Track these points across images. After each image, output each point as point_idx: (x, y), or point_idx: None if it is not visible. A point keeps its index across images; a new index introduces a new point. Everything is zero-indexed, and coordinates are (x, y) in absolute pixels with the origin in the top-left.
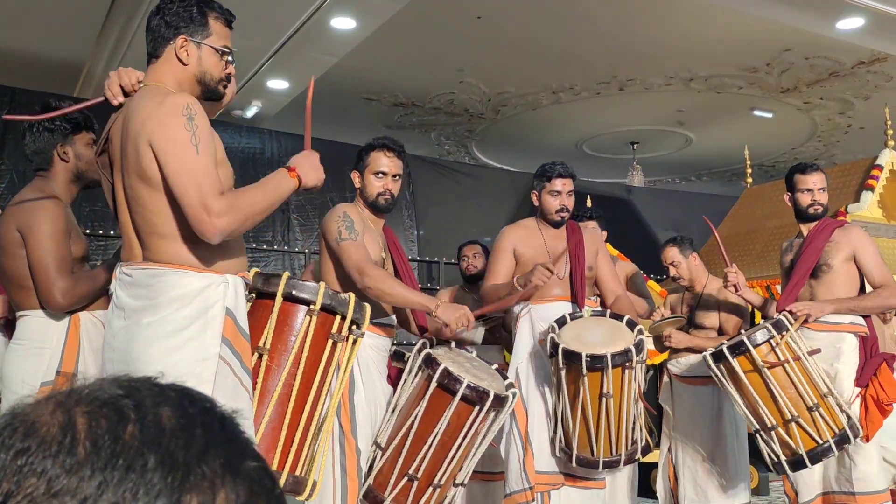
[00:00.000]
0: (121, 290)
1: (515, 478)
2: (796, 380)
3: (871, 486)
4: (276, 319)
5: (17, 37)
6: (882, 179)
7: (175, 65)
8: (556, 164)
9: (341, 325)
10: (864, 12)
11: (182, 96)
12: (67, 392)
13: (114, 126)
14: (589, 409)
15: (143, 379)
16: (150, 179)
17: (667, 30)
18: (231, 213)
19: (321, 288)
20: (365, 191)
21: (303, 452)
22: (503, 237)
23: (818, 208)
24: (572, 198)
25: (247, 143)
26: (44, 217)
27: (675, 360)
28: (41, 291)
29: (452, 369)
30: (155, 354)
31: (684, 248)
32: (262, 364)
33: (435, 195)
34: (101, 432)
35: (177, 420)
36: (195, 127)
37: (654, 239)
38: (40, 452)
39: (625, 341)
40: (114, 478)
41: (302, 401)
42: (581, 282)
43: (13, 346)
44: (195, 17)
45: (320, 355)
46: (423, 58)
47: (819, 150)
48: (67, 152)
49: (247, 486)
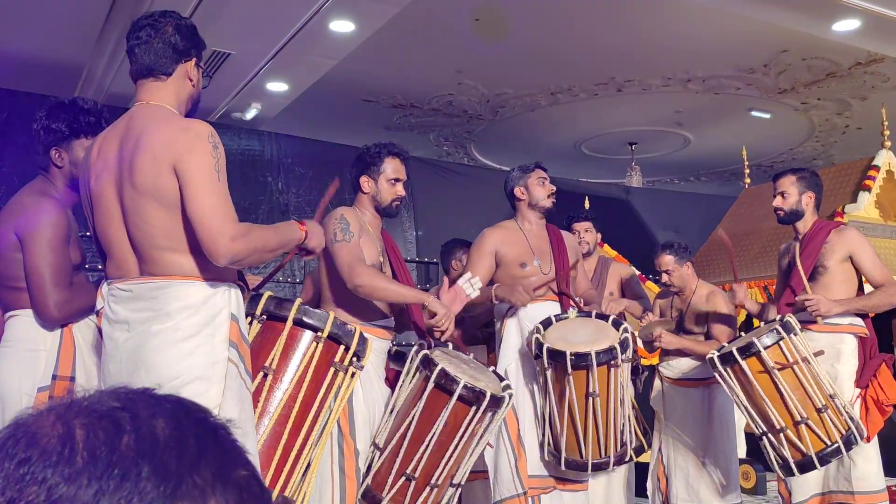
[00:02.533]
0: (117, 306)
1: (507, 484)
2: (804, 381)
3: (871, 485)
4: (285, 342)
5: (17, 39)
6: (879, 180)
7: (184, 84)
8: (535, 163)
9: (344, 355)
10: (860, 14)
11: (206, 125)
12: (67, 404)
13: (106, 139)
14: (576, 410)
15: (140, 391)
16: (165, 198)
17: (664, 31)
18: (244, 241)
19: (330, 317)
20: (379, 196)
21: (294, 473)
22: (485, 239)
23: (780, 213)
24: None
25: (246, 145)
26: (45, 222)
27: (666, 363)
28: (35, 301)
29: (450, 370)
30: (168, 359)
31: (680, 257)
32: (266, 384)
33: (434, 196)
34: (98, 443)
35: (171, 431)
36: (219, 155)
37: (652, 239)
38: (41, 462)
39: (609, 339)
40: (110, 486)
41: (299, 423)
42: (567, 282)
43: (3, 349)
44: (198, 38)
45: (321, 381)
46: (421, 59)
47: (817, 150)
48: (63, 157)
49: (236, 493)
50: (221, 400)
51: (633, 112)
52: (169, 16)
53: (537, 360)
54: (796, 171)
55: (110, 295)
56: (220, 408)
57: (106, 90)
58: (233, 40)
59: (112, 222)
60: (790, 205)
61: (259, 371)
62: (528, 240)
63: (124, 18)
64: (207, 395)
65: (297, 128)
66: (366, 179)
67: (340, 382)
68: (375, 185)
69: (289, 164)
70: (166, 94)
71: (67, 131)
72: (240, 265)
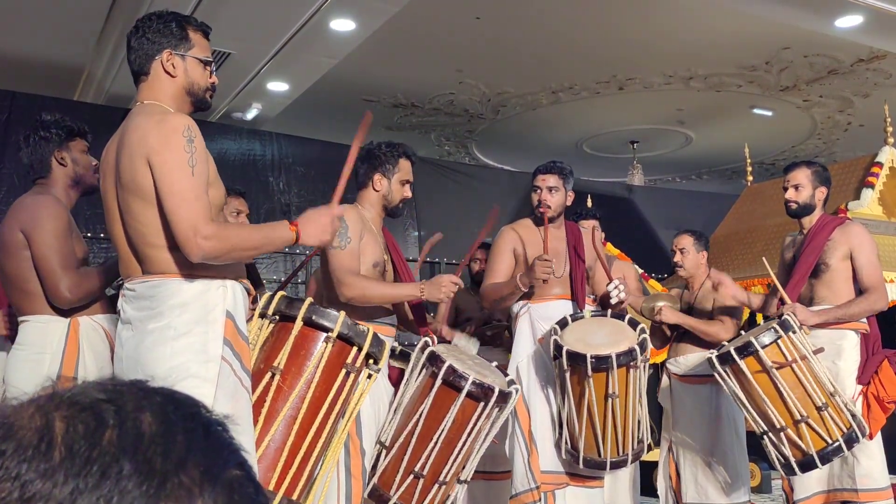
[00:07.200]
0: (126, 305)
1: (521, 478)
2: (804, 379)
3: (875, 482)
4: (294, 342)
5: (17, 40)
6: (882, 176)
7: (165, 79)
8: (545, 162)
9: (357, 356)
10: (863, 10)
11: (183, 117)
12: (49, 395)
13: (111, 141)
14: (595, 410)
15: (129, 383)
16: (144, 194)
17: (666, 29)
18: (217, 240)
19: (341, 317)
20: (389, 196)
21: (302, 477)
22: (502, 237)
23: (792, 205)
24: (557, 194)
25: (247, 146)
26: (47, 215)
27: (674, 360)
28: (48, 288)
29: (457, 366)
30: (161, 356)
31: (699, 242)
32: (273, 384)
33: (435, 196)
34: (77, 437)
35: (157, 426)
36: (193, 149)
37: (654, 238)
38: (16, 456)
39: (628, 341)
40: (88, 484)
41: (307, 425)
42: (581, 281)
43: (15, 352)
44: (175, 31)
45: (332, 383)
46: (422, 59)
47: (819, 147)
48: (65, 157)
49: (226, 494)
50: (213, 399)
51: (634, 110)
52: (149, 17)
53: (555, 362)
54: (810, 164)
55: (122, 295)
56: (212, 406)
57: (106, 91)
58: (233, 40)
59: (115, 223)
60: (804, 198)
61: (267, 372)
62: (543, 239)
63: (124, 18)
64: (199, 393)
65: (298, 128)
66: (379, 178)
67: (353, 385)
68: (388, 184)
69: (290, 164)
70: (155, 92)
71: (64, 134)
72: (217, 262)
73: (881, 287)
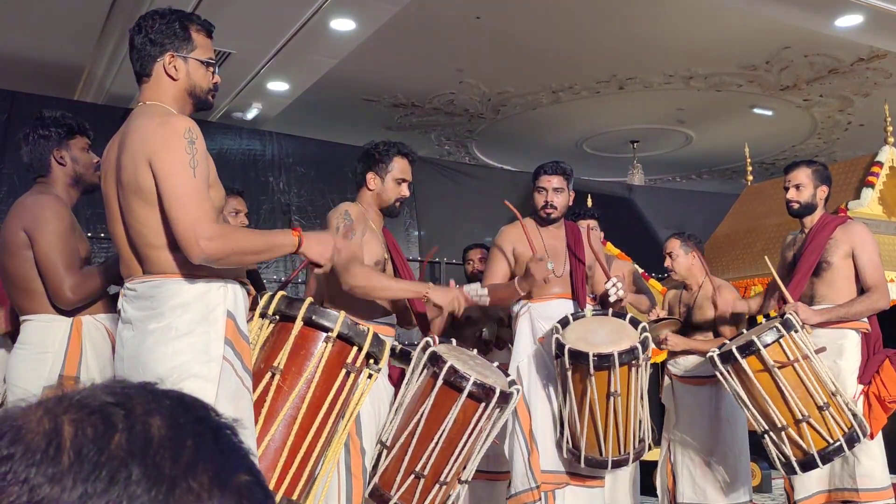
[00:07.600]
0: (127, 305)
1: (521, 477)
2: (806, 379)
3: (875, 482)
4: (294, 342)
5: (17, 40)
6: (882, 176)
7: (166, 81)
8: (548, 163)
9: (357, 356)
10: (863, 10)
11: (184, 119)
12: (58, 398)
13: (112, 141)
14: (597, 409)
15: (138, 385)
16: (145, 194)
17: (666, 28)
18: (219, 241)
19: (341, 317)
20: (384, 195)
21: (302, 477)
22: (501, 237)
23: (794, 205)
24: (562, 195)
25: (247, 146)
26: (49, 215)
27: (674, 361)
28: (50, 287)
29: (458, 366)
30: (161, 357)
31: (686, 244)
32: (274, 384)
33: (436, 195)
34: (86, 441)
35: (167, 430)
36: (195, 151)
37: (654, 237)
38: (24, 460)
39: (630, 339)
40: (96, 489)
41: (307, 424)
42: (581, 280)
43: (17, 351)
44: (178, 32)
45: (332, 383)
46: (422, 58)
47: (819, 147)
48: (64, 156)
49: (235, 500)
50: (215, 399)
51: (634, 110)
52: (152, 15)
53: (557, 360)
54: (810, 163)
55: (122, 295)
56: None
57: (106, 90)
58: (233, 40)
59: (116, 223)
60: (805, 197)
61: (268, 371)
62: (543, 240)
63: (124, 18)
64: (201, 393)
65: (299, 127)
66: (372, 176)
67: (353, 384)
68: (381, 182)
69: (290, 163)
70: (157, 94)
71: (64, 132)
72: (218, 264)
73: (883, 286)
